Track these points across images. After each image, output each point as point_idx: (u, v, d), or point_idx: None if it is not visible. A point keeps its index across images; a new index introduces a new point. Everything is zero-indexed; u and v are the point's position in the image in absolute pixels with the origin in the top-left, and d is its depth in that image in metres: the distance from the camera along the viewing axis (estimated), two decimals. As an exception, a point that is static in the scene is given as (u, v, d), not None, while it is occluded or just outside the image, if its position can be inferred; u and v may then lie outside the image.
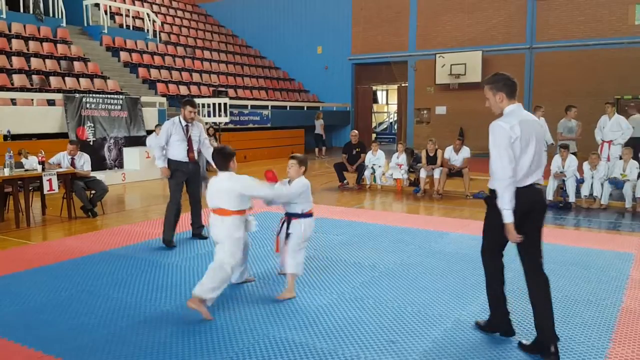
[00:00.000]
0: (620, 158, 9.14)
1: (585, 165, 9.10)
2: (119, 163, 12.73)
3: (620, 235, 7.00)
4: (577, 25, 18.14)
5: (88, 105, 12.18)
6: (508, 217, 3.32)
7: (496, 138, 3.38)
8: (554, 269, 5.18)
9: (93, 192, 8.22)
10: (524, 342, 3.54)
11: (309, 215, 4.48)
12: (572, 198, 8.92)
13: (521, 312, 4.00)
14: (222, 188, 4.19)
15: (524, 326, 3.80)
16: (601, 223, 7.81)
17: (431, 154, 10.30)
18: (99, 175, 9.08)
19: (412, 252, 5.94)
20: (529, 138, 3.37)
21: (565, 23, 18.34)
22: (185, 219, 6.90)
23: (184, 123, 6.18)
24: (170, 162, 6.20)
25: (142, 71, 16.99)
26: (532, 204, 3.41)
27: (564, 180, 8.90)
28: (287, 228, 4.45)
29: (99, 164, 11.81)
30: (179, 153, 6.15)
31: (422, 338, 3.67)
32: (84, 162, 8.32)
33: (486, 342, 3.61)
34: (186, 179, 6.32)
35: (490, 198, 3.48)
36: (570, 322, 3.95)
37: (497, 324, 3.69)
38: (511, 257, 3.61)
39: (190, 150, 6.18)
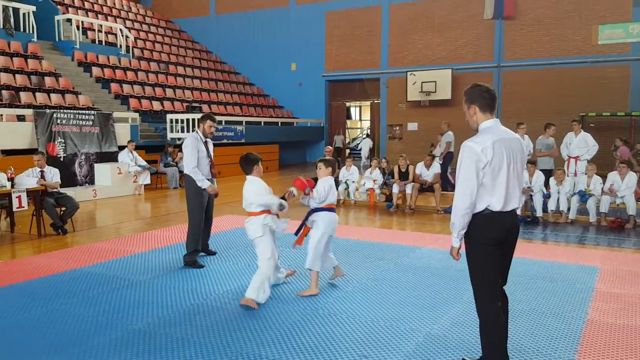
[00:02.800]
0: (585, 174, 9.43)
1: (552, 181, 9.37)
2: (90, 179, 12.57)
3: (585, 249, 7.21)
4: (543, 45, 18.73)
5: (59, 121, 12.03)
6: (455, 242, 3.22)
7: (463, 161, 3.13)
8: (521, 282, 5.33)
9: (63, 209, 8.10)
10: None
11: (327, 209, 5.00)
12: (539, 212, 9.16)
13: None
14: (245, 191, 4.73)
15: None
16: (567, 237, 8.02)
17: (403, 170, 10.47)
18: (70, 191, 8.97)
19: (384, 266, 6.03)
20: (502, 160, 3.10)
21: (531, 42, 18.92)
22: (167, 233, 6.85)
23: (203, 138, 6.06)
24: (196, 180, 5.93)
25: (114, 86, 16.86)
26: (510, 231, 3.22)
27: (531, 196, 9.13)
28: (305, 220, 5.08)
29: (69, 180, 11.64)
30: (203, 170, 5.96)
31: (395, 352, 3.73)
32: (53, 174, 8.22)
33: (457, 356, 3.68)
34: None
35: (468, 226, 3.20)
36: (536, 334, 4.06)
37: None
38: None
39: (212, 166, 6.11)
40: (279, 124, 21.53)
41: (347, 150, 24.95)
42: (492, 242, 3.15)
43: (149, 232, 8.09)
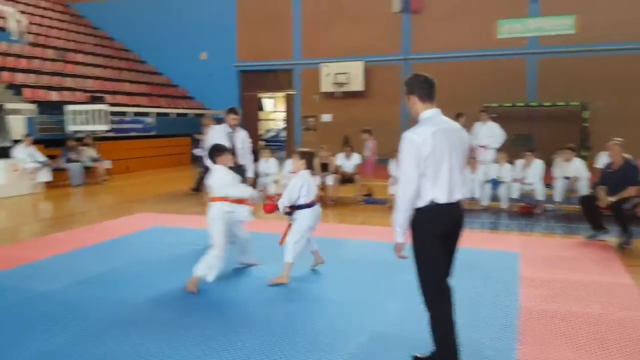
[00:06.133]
0: (496, 162, 9.83)
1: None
2: (-21, 178, 11.32)
3: (500, 234, 7.47)
4: (449, 38, 19.37)
5: (-60, 113, 10.71)
6: (399, 237, 3.12)
7: (405, 153, 3.05)
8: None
9: (-50, 212, 7.19)
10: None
11: (308, 206, 5.07)
12: (455, 201, 9.41)
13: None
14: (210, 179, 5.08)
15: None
16: (482, 223, 8.29)
17: (324, 162, 10.36)
18: (-43, 192, 8.00)
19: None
20: (443, 150, 3.05)
21: (438, 36, 19.52)
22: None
23: (228, 130, 6.71)
24: None
25: (5, 75, 15.33)
26: (456, 222, 3.19)
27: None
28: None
29: (-45, 179, 10.41)
30: None
31: (338, 354, 3.56)
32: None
33: (403, 353, 3.59)
34: None
35: (413, 220, 3.13)
36: (475, 324, 4.05)
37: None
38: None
39: (234, 156, 6.51)
40: (191, 116, 20.74)
41: (261, 142, 24.61)
42: (438, 236, 3.10)
43: (52, 235, 7.36)
